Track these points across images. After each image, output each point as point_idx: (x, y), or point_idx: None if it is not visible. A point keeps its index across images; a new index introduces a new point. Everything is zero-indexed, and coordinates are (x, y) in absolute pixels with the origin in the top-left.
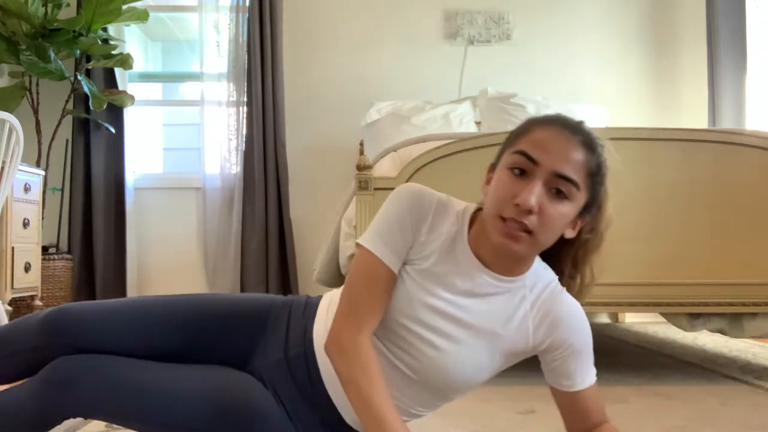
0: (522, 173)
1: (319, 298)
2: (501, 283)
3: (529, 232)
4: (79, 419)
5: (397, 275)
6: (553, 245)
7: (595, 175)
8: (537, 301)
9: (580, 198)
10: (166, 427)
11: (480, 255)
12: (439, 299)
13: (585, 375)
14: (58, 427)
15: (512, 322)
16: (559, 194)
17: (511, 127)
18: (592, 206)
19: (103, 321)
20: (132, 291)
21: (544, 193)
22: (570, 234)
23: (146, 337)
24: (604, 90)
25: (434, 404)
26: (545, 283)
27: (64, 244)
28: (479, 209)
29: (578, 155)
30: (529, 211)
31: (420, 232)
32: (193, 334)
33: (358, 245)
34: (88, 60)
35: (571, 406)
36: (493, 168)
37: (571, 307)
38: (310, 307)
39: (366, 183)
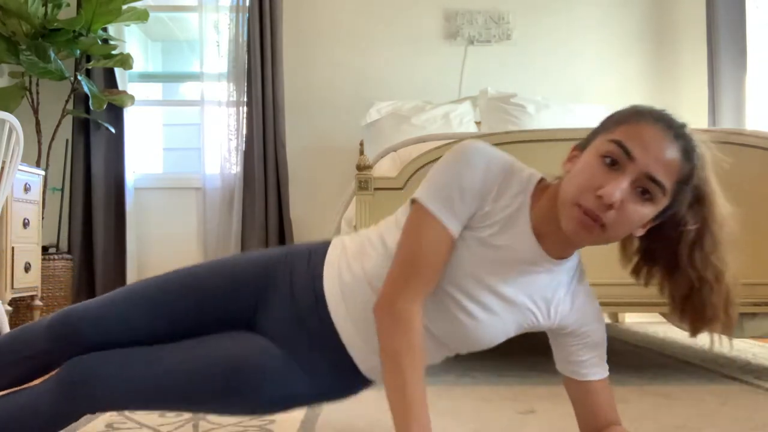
0: (613, 164)
1: (325, 245)
2: (549, 264)
3: (603, 226)
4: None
5: (456, 242)
6: (669, 252)
7: (684, 183)
8: (570, 286)
9: (662, 203)
10: (183, 403)
11: (538, 232)
12: (487, 272)
13: (600, 366)
14: None
15: (547, 303)
16: (643, 194)
17: (511, 127)
18: (667, 211)
19: (106, 317)
20: None
21: (629, 190)
22: (639, 232)
23: (150, 322)
24: (604, 90)
25: (447, 357)
26: (577, 270)
27: (64, 244)
28: (542, 179)
29: (675, 161)
30: (610, 206)
31: (486, 201)
32: (195, 309)
33: (414, 202)
34: (88, 60)
35: (583, 398)
36: (579, 148)
37: (593, 296)
38: (316, 256)
39: (366, 183)
